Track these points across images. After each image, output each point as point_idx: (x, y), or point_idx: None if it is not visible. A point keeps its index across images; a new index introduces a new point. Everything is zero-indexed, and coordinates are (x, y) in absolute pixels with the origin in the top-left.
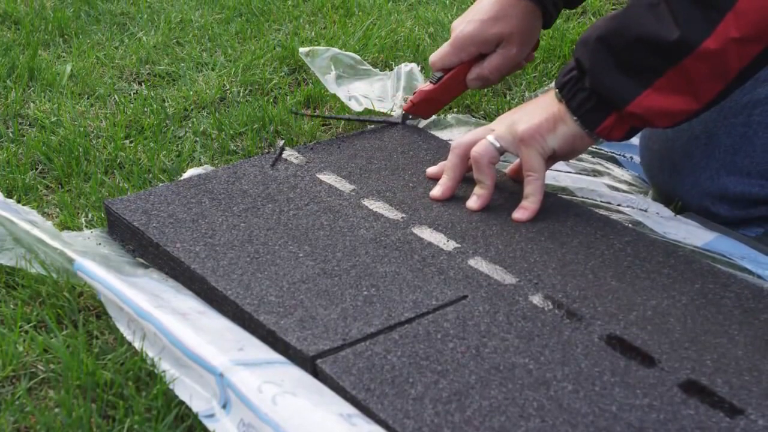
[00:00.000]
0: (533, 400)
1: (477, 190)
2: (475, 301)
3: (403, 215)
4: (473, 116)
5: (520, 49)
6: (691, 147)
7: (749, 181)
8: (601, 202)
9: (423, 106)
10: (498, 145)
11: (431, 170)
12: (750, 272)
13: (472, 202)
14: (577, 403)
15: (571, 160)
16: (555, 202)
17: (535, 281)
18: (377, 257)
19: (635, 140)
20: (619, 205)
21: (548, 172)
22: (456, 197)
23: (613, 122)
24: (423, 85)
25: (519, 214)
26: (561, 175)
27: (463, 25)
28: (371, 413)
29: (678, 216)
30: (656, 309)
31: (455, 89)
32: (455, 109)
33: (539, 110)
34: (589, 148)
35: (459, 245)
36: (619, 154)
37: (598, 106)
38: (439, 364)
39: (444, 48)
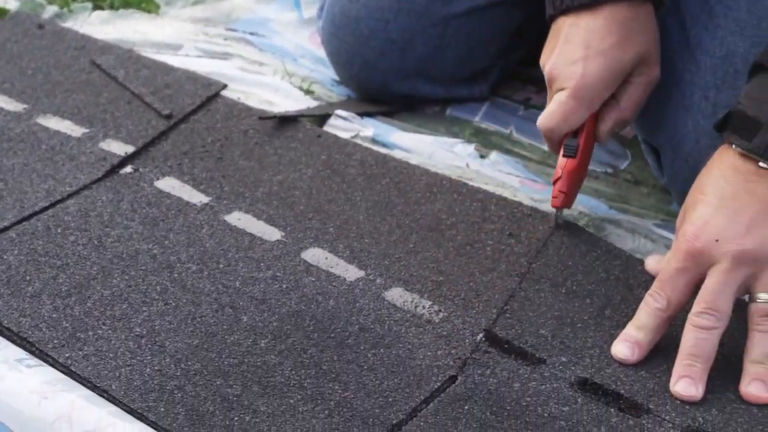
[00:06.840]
0: (156, 284)
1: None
2: (98, 192)
3: (25, 106)
4: None
5: (659, 65)
6: (387, 48)
7: (435, 86)
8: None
9: (573, 190)
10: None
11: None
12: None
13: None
14: (201, 282)
15: (200, 44)
16: None
17: (155, 168)
18: (1, 151)
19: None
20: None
21: (179, 58)
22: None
23: None
24: (560, 163)
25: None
26: (188, 59)
27: (579, 65)
28: None
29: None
30: (282, 184)
31: (591, 150)
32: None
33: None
34: (222, 30)
35: (87, 130)
36: (251, 33)
37: None
38: (58, 258)
39: (564, 103)
